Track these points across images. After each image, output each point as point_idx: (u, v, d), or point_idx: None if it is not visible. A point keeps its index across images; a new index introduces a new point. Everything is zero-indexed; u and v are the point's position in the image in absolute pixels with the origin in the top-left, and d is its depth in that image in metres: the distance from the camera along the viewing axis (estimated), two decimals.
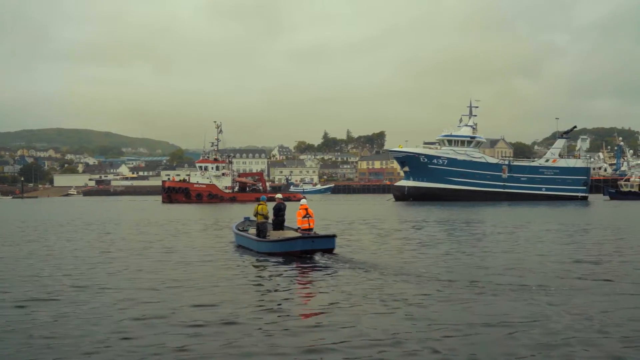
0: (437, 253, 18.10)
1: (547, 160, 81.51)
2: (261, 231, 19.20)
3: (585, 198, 77.41)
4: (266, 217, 19.63)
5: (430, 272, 13.84)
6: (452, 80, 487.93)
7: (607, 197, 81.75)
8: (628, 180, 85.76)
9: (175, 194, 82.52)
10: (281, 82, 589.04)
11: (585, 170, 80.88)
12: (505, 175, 78.98)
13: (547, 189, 78.37)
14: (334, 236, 17.51)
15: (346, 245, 20.09)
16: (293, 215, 20.04)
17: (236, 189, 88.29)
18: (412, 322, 9.16)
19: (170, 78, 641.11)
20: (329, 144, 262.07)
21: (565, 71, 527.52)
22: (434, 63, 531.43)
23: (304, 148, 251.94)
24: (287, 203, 21.14)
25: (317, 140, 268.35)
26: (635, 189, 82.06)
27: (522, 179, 79.06)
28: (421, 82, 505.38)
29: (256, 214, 19.60)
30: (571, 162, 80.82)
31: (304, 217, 17.94)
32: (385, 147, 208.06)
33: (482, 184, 77.75)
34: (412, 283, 12.53)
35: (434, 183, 77.31)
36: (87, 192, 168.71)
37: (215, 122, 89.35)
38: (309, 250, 16.62)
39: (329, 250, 16.92)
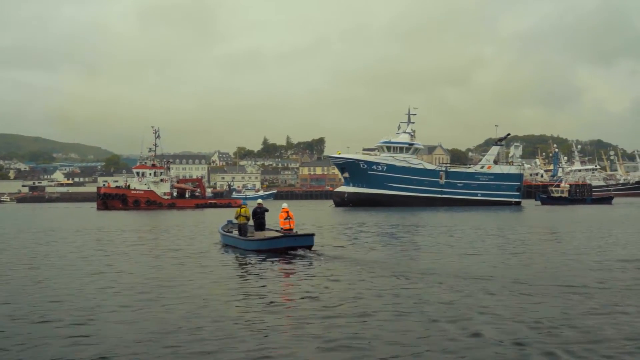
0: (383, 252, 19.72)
1: (482, 167, 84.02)
2: (243, 231, 22.10)
3: (518, 203, 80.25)
4: (248, 218, 22.30)
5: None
6: (384, 89, 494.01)
7: (539, 203, 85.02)
8: (558, 186, 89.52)
9: (111, 200, 80.00)
10: (214, 88, 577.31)
11: (519, 177, 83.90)
12: (442, 181, 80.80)
13: (482, 195, 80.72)
14: (312, 235, 20.49)
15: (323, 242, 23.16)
16: (275, 218, 23.06)
17: (174, 194, 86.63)
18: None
19: (99, 83, 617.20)
20: (269, 149, 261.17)
21: (492, 80, 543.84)
22: (366, 72, 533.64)
23: (244, 154, 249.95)
24: (229, 209, 22.50)
25: (255, 146, 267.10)
26: (565, 195, 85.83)
27: (458, 184, 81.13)
28: (354, 90, 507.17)
29: (238, 216, 22.26)
30: (505, 169, 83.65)
31: (285, 218, 20.69)
32: (325, 154, 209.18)
33: (420, 190, 79.24)
34: (366, 271, 15.64)
35: (374, 189, 78.20)
36: (21, 199, 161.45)
37: (152, 127, 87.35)
38: (291, 247, 19.43)
39: (309, 247, 19.67)
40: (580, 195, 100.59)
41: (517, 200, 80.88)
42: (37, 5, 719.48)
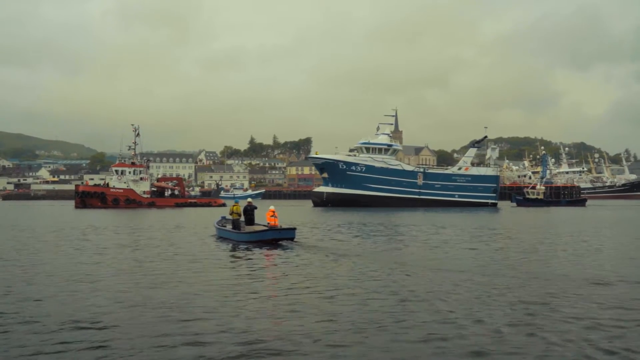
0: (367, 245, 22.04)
1: (459, 168, 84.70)
2: (236, 226, 25.55)
3: (495, 205, 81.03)
4: (239, 215, 25.76)
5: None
6: (368, 89, 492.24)
7: (514, 204, 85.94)
8: (534, 188, 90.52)
9: (90, 198, 79.87)
10: (197, 88, 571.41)
11: (495, 178, 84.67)
12: (420, 182, 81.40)
13: (459, 196, 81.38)
14: (294, 229, 24.16)
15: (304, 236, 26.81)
16: (263, 216, 26.14)
17: (154, 190, 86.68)
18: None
19: (81, 81, 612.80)
20: (256, 149, 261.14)
21: (473, 83, 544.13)
22: (348, 73, 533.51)
23: (231, 153, 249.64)
24: (209, 208, 23.97)
25: (242, 146, 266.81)
26: (540, 197, 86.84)
27: (436, 186, 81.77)
28: (337, 90, 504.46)
29: (231, 213, 25.89)
30: (482, 170, 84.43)
31: (271, 216, 23.93)
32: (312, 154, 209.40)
33: (398, 191, 79.85)
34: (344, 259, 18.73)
35: (352, 189, 78.73)
36: (7, 197, 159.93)
37: (132, 125, 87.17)
38: (277, 239, 23.04)
39: (291, 239, 23.30)
40: (569, 196, 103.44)
41: (493, 201, 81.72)
42: (17, 3, 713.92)
